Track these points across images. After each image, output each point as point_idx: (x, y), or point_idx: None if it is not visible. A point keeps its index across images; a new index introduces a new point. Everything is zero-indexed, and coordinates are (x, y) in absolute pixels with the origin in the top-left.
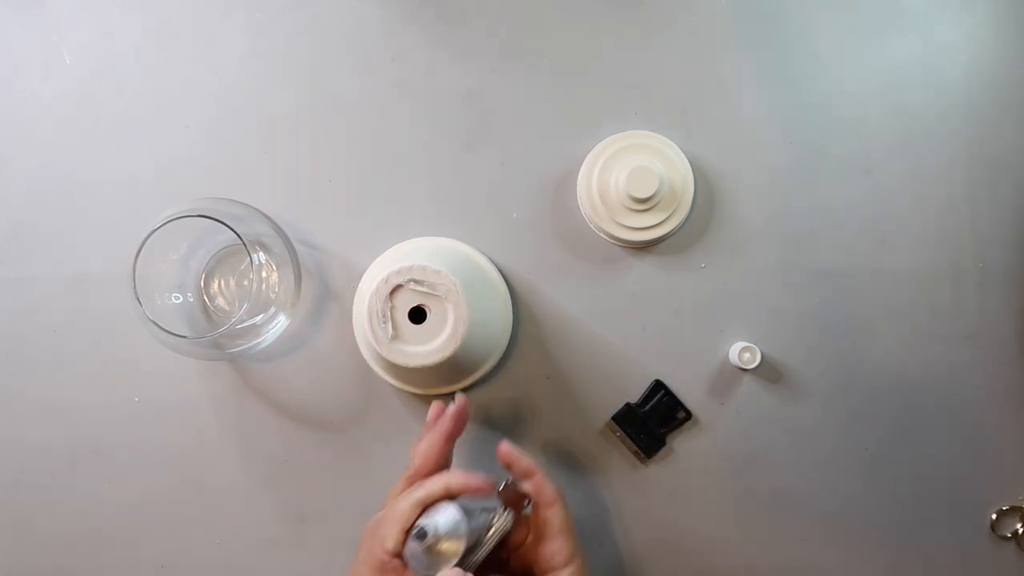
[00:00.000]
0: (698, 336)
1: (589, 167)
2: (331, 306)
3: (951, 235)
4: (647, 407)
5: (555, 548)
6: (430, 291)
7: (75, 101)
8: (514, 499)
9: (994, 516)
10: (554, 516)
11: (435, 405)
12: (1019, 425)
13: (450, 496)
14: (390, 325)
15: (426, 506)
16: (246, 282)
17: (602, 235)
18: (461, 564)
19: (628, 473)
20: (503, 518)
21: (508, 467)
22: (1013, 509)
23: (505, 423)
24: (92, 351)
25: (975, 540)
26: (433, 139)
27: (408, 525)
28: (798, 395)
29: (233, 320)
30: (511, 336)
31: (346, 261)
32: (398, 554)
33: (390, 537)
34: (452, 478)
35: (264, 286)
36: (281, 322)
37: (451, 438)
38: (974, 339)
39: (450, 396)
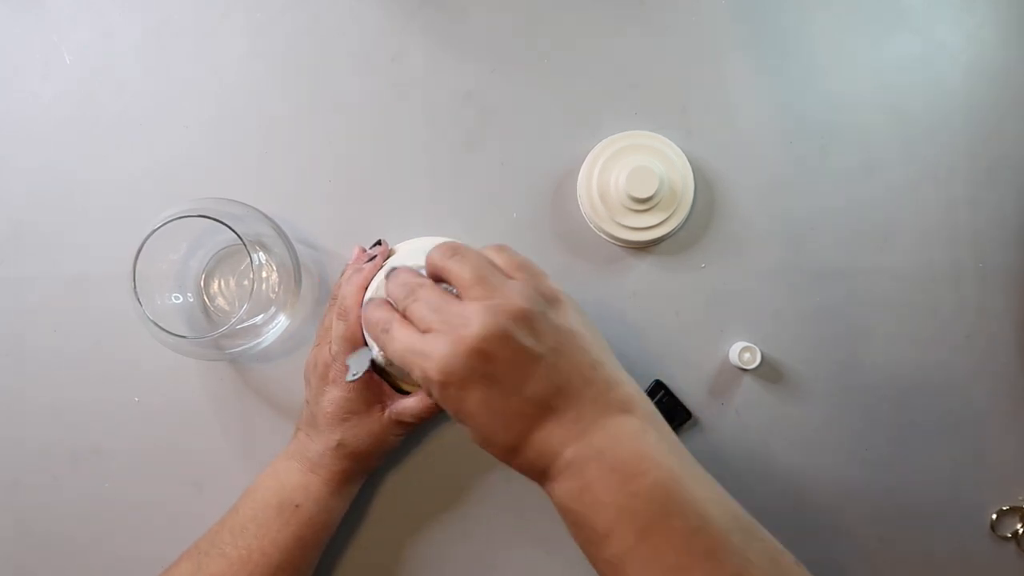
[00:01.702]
0: (698, 336)
1: (589, 167)
2: None
3: (951, 235)
4: None
5: None
6: None
7: (75, 101)
8: None
9: (994, 516)
10: None
11: (357, 248)
12: (1019, 425)
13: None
14: None
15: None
16: (246, 282)
17: (602, 235)
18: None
19: None
20: None
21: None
22: (1013, 509)
23: None
24: (92, 351)
25: (975, 540)
26: (433, 139)
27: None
28: (798, 395)
29: (233, 320)
30: None
31: (346, 261)
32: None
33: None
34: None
35: (264, 286)
36: (281, 322)
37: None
38: (974, 339)
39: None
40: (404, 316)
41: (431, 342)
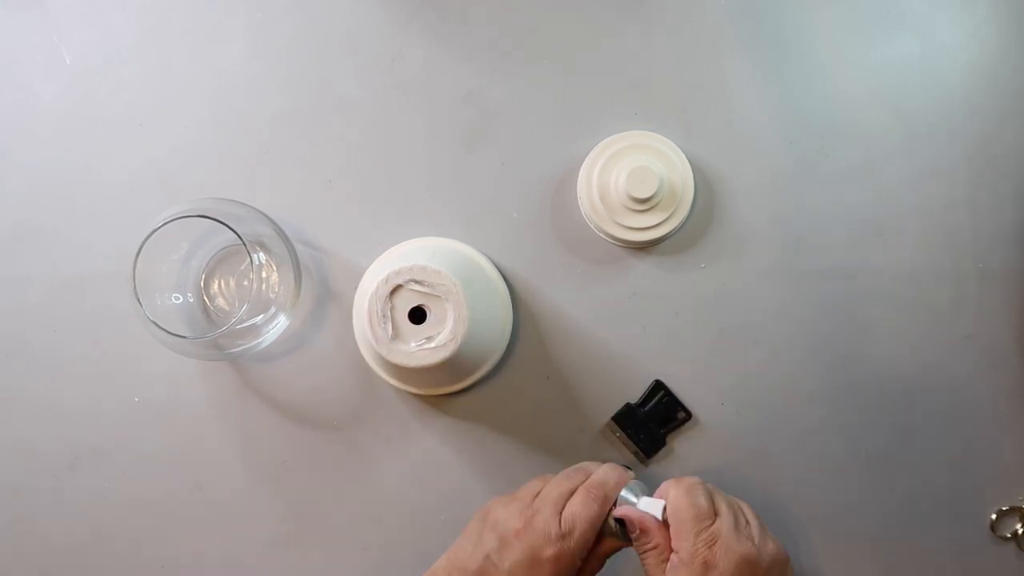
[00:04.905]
0: (698, 336)
1: (589, 167)
2: (331, 306)
3: (951, 235)
4: (647, 407)
5: None
6: (430, 291)
7: (75, 101)
8: None
9: (994, 516)
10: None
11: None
12: (1019, 425)
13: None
14: (390, 325)
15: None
16: (246, 282)
17: (602, 235)
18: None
19: None
20: None
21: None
22: (1013, 509)
23: (505, 423)
24: (92, 351)
25: (975, 540)
26: (433, 139)
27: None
28: (798, 395)
29: (233, 320)
30: (511, 336)
31: (346, 261)
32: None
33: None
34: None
35: (264, 286)
36: (281, 322)
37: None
38: (974, 339)
39: (464, 390)
40: None
41: None
